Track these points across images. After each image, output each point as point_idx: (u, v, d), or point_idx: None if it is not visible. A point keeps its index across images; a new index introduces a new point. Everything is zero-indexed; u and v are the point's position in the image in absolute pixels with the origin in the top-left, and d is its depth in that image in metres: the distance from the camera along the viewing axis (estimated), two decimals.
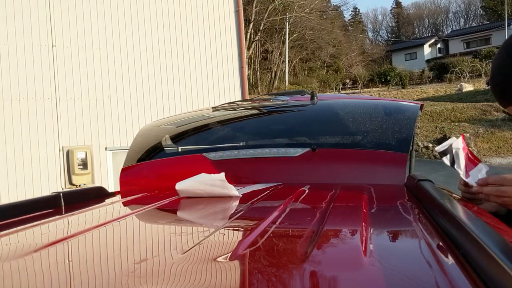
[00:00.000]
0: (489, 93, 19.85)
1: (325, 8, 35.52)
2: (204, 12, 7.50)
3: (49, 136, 6.26)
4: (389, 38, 51.69)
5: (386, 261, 0.57)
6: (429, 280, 0.51)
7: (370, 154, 1.51)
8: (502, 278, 0.43)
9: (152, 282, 0.52)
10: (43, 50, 6.29)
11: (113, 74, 6.75)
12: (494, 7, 41.31)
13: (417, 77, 29.36)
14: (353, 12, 52.66)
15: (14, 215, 1.10)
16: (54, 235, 0.87)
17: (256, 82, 27.95)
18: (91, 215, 1.10)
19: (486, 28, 35.52)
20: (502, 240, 0.52)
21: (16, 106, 6.11)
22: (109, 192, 1.58)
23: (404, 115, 1.69)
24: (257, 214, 0.99)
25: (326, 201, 1.04)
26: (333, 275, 0.54)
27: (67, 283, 0.55)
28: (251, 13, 25.91)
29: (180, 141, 1.99)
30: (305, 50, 32.54)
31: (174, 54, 7.20)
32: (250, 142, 1.87)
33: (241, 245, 0.66)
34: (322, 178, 1.47)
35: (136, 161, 1.85)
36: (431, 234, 0.71)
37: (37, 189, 6.09)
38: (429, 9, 54.66)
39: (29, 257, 0.67)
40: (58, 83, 6.35)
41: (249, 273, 0.57)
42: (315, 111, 1.84)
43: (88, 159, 6.35)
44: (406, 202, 1.06)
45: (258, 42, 28.46)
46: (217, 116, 2.04)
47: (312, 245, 0.64)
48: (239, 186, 1.33)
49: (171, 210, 1.13)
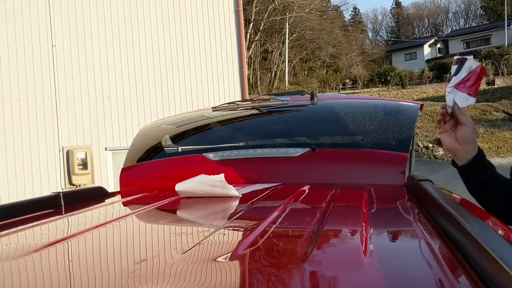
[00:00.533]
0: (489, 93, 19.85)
1: (325, 8, 35.53)
2: (204, 12, 7.50)
3: (49, 137, 6.26)
4: (389, 38, 51.71)
5: (386, 261, 0.57)
6: (429, 280, 0.51)
7: (370, 154, 1.51)
8: (502, 278, 0.43)
9: (152, 282, 0.52)
10: (43, 50, 6.29)
11: (113, 75, 6.75)
12: (494, 7, 41.31)
13: (417, 77, 29.36)
14: (353, 12, 52.70)
15: (14, 215, 1.10)
16: (54, 235, 0.87)
17: (256, 82, 27.95)
18: (91, 215, 1.10)
19: (486, 28, 35.52)
20: (502, 240, 0.52)
21: (16, 106, 6.11)
22: (109, 192, 1.58)
23: (404, 115, 1.69)
24: (257, 214, 0.99)
25: (326, 201, 1.04)
26: (333, 275, 0.54)
27: (67, 283, 0.55)
28: (251, 13, 25.91)
29: (180, 141, 1.99)
30: (305, 50, 32.54)
31: (174, 54, 7.20)
32: (250, 142, 1.87)
33: (241, 245, 0.66)
34: (322, 178, 1.47)
35: (136, 161, 1.85)
36: (431, 234, 0.71)
37: (37, 189, 6.09)
38: (429, 9, 54.67)
39: (29, 257, 0.67)
40: (58, 84, 6.35)
41: (249, 273, 0.57)
42: (315, 111, 1.84)
43: (88, 159, 6.35)
44: (406, 202, 1.06)
45: (258, 42, 28.46)
46: (217, 116, 2.04)
47: (312, 245, 0.64)
48: (239, 186, 1.33)
49: (171, 210, 1.13)
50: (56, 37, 6.37)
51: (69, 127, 6.41)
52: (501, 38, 30.92)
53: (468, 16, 51.79)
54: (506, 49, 26.30)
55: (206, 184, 1.19)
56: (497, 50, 26.83)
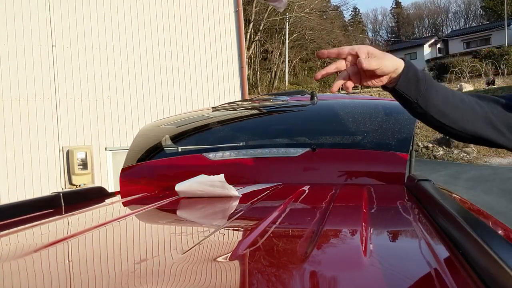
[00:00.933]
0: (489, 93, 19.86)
1: (325, 8, 35.52)
2: (204, 12, 7.50)
3: (49, 137, 6.26)
4: (389, 38, 51.70)
5: (386, 261, 0.57)
6: (429, 280, 0.51)
7: (370, 154, 1.51)
8: (502, 278, 0.43)
9: (152, 282, 0.52)
10: (43, 50, 6.29)
11: (113, 75, 6.75)
12: (494, 7, 41.30)
13: None
14: (353, 12, 52.67)
15: (14, 215, 1.10)
16: (54, 235, 0.87)
17: (256, 82, 27.94)
18: (91, 215, 1.10)
19: (486, 28, 35.52)
20: (502, 240, 0.52)
21: (16, 106, 6.11)
22: (109, 192, 1.59)
23: (404, 115, 1.69)
24: (257, 214, 0.99)
25: (326, 201, 1.04)
26: (333, 275, 0.54)
27: (67, 283, 0.55)
28: (251, 13, 25.90)
29: (180, 141, 1.99)
30: (305, 50, 32.52)
31: (174, 54, 7.20)
32: (250, 142, 1.87)
33: (241, 245, 0.66)
34: (322, 178, 1.47)
35: (136, 161, 1.85)
36: (431, 234, 0.71)
37: (37, 189, 6.09)
38: (429, 9, 54.67)
39: (29, 257, 0.66)
40: (58, 84, 6.35)
41: (249, 273, 0.57)
42: (315, 111, 1.84)
43: (88, 159, 6.35)
44: (406, 202, 1.06)
45: (258, 42, 28.45)
46: (217, 116, 2.04)
47: (312, 245, 0.64)
48: (239, 186, 1.33)
49: (171, 210, 1.13)
50: (56, 37, 6.37)
51: (69, 127, 6.41)
52: (501, 38, 30.92)
53: (468, 16, 51.80)
54: (506, 49, 26.30)
55: (206, 184, 1.19)
56: (497, 50, 26.83)
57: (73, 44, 6.49)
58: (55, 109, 6.33)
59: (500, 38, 31.35)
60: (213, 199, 1.17)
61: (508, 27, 31.08)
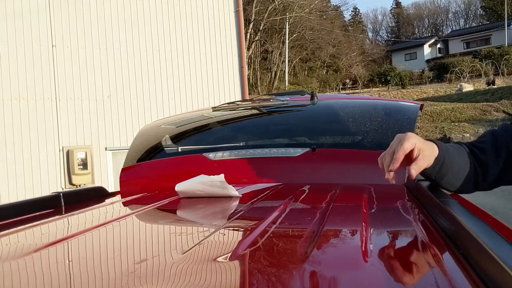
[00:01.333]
0: (489, 93, 19.86)
1: (325, 8, 35.51)
2: (204, 12, 7.50)
3: (49, 136, 6.26)
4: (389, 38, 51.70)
5: (386, 261, 0.58)
6: (429, 280, 0.51)
7: (370, 154, 1.51)
8: (502, 278, 0.43)
9: (152, 282, 0.52)
10: (43, 50, 6.28)
11: (113, 74, 6.74)
12: (494, 7, 41.31)
13: (417, 77, 29.35)
14: (353, 12, 52.67)
15: (14, 215, 1.10)
16: (54, 235, 0.87)
17: (256, 82, 27.94)
18: (91, 215, 1.10)
19: (486, 28, 35.52)
20: (502, 240, 0.52)
21: (16, 106, 6.11)
22: (109, 192, 1.59)
23: (404, 115, 1.69)
24: (257, 214, 0.99)
25: (326, 201, 1.04)
26: (333, 275, 0.54)
27: (67, 283, 0.55)
28: (251, 13, 25.90)
29: (180, 141, 1.99)
30: (305, 50, 32.52)
31: (174, 54, 7.20)
32: (250, 142, 1.87)
33: (241, 245, 0.66)
34: (322, 178, 1.47)
35: (136, 161, 1.85)
36: (431, 234, 0.71)
37: (37, 189, 6.09)
38: (429, 9, 54.66)
39: (29, 257, 0.67)
40: (58, 83, 6.35)
41: (249, 273, 0.57)
42: (315, 111, 1.84)
43: (88, 159, 6.35)
44: (406, 202, 1.06)
45: (258, 42, 28.45)
46: (217, 116, 2.04)
47: (312, 245, 0.64)
48: (239, 186, 1.33)
49: (171, 210, 1.13)
50: (56, 37, 6.37)
51: (69, 127, 6.41)
52: (501, 38, 30.92)
53: (468, 16, 51.80)
54: (506, 49, 26.30)
55: (206, 184, 1.19)
56: (497, 50, 26.83)
57: (73, 44, 6.48)
58: (55, 109, 6.33)
59: (500, 38, 31.35)
60: (213, 199, 1.17)
61: (508, 27, 31.08)
